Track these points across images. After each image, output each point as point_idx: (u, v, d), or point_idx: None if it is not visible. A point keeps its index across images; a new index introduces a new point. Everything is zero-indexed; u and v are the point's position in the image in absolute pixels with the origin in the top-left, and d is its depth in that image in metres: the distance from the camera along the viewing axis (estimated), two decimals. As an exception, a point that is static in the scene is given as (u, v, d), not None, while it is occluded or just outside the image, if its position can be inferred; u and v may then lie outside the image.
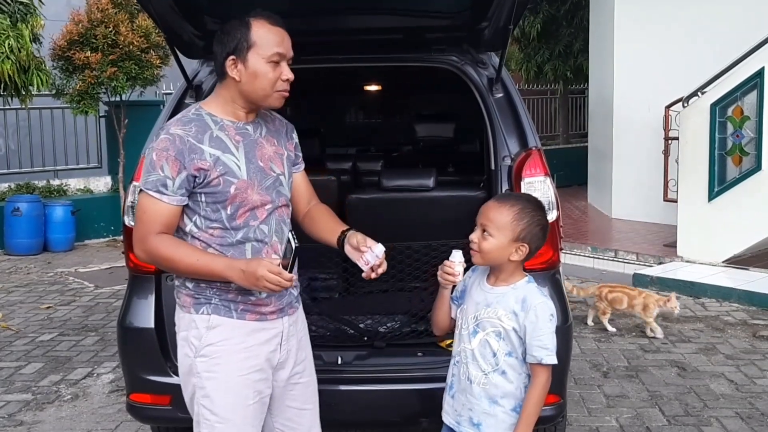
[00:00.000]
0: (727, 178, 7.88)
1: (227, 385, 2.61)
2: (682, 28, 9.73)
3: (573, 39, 14.71)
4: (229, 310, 2.62)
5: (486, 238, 2.67)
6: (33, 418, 4.71)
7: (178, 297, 2.70)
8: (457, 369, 2.78)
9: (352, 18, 3.75)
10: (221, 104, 2.66)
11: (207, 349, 2.60)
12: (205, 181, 2.54)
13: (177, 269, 2.60)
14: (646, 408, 4.73)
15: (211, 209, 2.58)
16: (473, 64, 3.88)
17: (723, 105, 7.83)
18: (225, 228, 2.60)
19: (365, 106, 7.92)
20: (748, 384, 5.08)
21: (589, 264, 8.72)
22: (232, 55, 2.58)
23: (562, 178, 12.57)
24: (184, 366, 2.67)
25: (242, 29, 2.57)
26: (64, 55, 9.63)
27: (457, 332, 2.80)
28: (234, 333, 2.62)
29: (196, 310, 2.63)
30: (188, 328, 2.64)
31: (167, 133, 2.55)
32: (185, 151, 2.52)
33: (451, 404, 2.79)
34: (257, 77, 2.59)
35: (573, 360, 4.40)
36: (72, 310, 7.14)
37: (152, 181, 2.52)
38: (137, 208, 2.62)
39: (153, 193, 2.53)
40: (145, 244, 2.57)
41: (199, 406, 2.63)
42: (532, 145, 3.63)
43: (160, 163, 2.51)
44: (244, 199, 2.60)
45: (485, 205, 2.76)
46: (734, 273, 7.64)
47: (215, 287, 2.61)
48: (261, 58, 2.57)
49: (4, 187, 10.67)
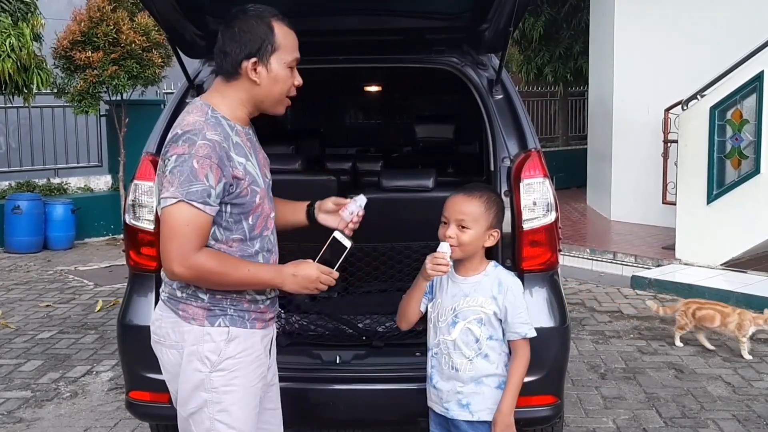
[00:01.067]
0: (726, 181, 7.89)
1: (243, 397, 2.55)
2: (682, 32, 9.75)
3: (573, 41, 14.72)
4: (243, 320, 2.54)
5: (465, 232, 2.82)
6: (32, 416, 4.73)
7: (182, 309, 2.52)
8: (436, 360, 2.93)
9: (352, 19, 3.76)
10: (230, 106, 2.52)
11: (227, 362, 2.50)
12: (237, 190, 2.43)
13: (226, 283, 2.47)
14: (643, 410, 4.74)
15: (233, 220, 2.48)
16: (473, 65, 3.89)
17: (722, 108, 7.85)
18: (244, 239, 2.52)
19: (365, 107, 7.94)
20: (745, 386, 5.10)
21: (587, 266, 8.73)
22: (254, 57, 2.46)
23: (562, 180, 12.57)
24: (192, 381, 2.51)
25: (265, 30, 2.47)
26: (66, 54, 9.65)
27: (431, 325, 2.95)
28: (248, 343, 2.56)
29: (211, 323, 2.50)
30: (200, 342, 2.49)
31: (205, 138, 2.36)
32: (224, 159, 2.38)
33: (436, 393, 2.94)
34: (277, 82, 2.51)
35: (570, 361, 4.41)
36: (71, 308, 7.16)
37: (197, 191, 2.33)
38: (173, 220, 2.35)
39: (199, 204, 2.33)
40: (189, 260, 2.36)
41: (212, 422, 2.51)
42: (532, 146, 3.65)
43: (204, 172, 2.33)
44: (263, 208, 2.55)
45: (452, 200, 2.88)
46: (732, 276, 7.65)
47: (231, 298, 2.51)
48: (283, 62, 2.51)
49: (5, 185, 10.69)
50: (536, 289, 3.52)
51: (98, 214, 10.91)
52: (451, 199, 2.88)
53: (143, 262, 3.47)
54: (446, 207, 2.86)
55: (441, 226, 2.86)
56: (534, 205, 3.49)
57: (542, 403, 3.42)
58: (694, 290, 7.31)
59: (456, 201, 2.86)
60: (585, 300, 7.34)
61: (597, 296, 7.51)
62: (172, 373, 2.61)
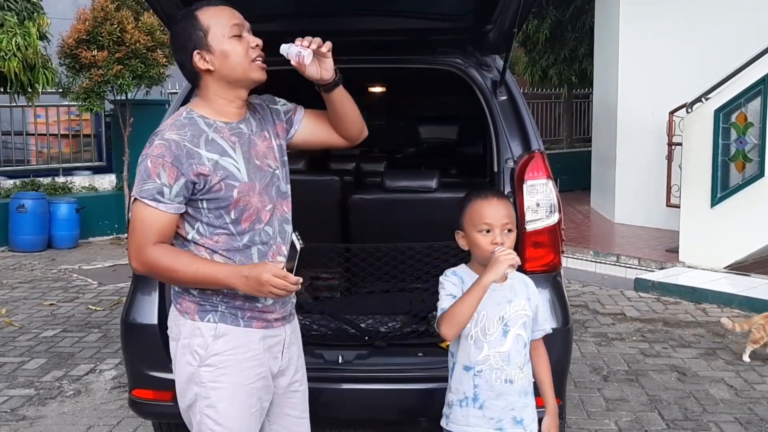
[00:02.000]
0: (730, 184, 7.88)
1: (233, 394, 2.54)
2: (687, 34, 9.74)
3: (578, 44, 14.71)
4: (236, 318, 2.54)
5: (509, 236, 2.72)
6: (35, 413, 4.74)
7: (179, 302, 2.59)
8: (482, 378, 2.72)
9: (356, 19, 3.77)
10: (208, 104, 2.56)
11: (213, 358, 2.52)
12: (206, 187, 2.45)
13: (177, 280, 2.51)
14: (646, 412, 4.74)
15: (214, 215, 2.50)
16: (477, 66, 3.89)
17: (727, 111, 7.84)
18: (230, 234, 2.52)
19: (369, 108, 7.91)
20: (747, 389, 5.10)
21: (591, 268, 8.72)
22: (194, 51, 2.50)
23: (566, 183, 12.56)
24: (185, 374, 2.57)
25: (191, 23, 2.51)
26: (71, 53, 9.68)
27: (469, 342, 2.72)
28: (241, 342, 2.54)
29: (201, 318, 2.53)
30: (191, 336, 2.54)
31: (162, 138, 2.45)
32: (182, 157, 2.42)
33: (484, 415, 2.72)
34: (228, 56, 2.51)
35: (573, 363, 4.42)
36: (75, 307, 7.17)
37: (148, 189, 2.41)
38: (132, 218, 2.47)
39: (149, 201, 2.41)
40: (142, 256, 2.45)
41: (202, 416, 2.55)
42: (535, 148, 3.65)
43: (156, 171, 2.40)
44: (248, 202, 2.52)
45: (490, 205, 2.74)
46: (736, 279, 7.64)
47: (222, 294, 2.52)
48: (222, 36, 2.50)
49: (10, 184, 10.72)
50: (539, 290, 3.49)
51: (102, 213, 10.94)
52: (489, 204, 2.73)
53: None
54: (485, 214, 2.70)
55: (482, 234, 2.69)
56: (537, 206, 3.50)
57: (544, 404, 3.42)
58: (697, 293, 7.30)
59: (497, 206, 2.73)
60: (588, 302, 7.33)
61: (600, 298, 7.51)
62: (174, 365, 2.65)
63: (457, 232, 2.80)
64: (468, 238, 2.75)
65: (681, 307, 7.11)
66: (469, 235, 2.73)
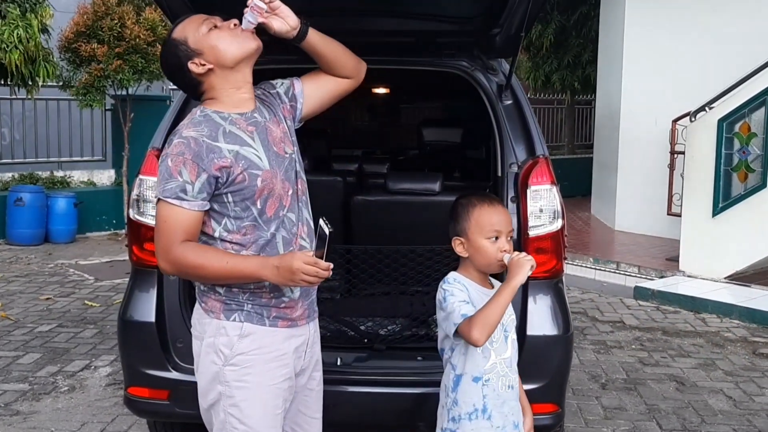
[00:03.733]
0: (732, 194, 7.86)
1: (258, 395, 2.54)
2: (692, 43, 9.73)
3: (582, 50, 14.70)
4: (261, 317, 2.54)
5: (511, 242, 2.71)
6: (29, 409, 4.71)
7: (204, 301, 2.59)
8: (488, 388, 2.69)
9: (363, 20, 3.74)
10: (219, 100, 2.58)
11: (238, 358, 2.52)
12: (229, 179, 2.45)
13: (206, 277, 2.50)
14: (644, 421, 4.71)
15: (241, 207, 2.49)
16: (483, 70, 3.87)
17: (730, 121, 7.82)
18: (257, 225, 2.52)
19: (373, 109, 7.92)
20: (746, 401, 5.07)
21: (590, 275, 8.71)
22: (189, 62, 2.53)
23: (567, 189, 12.44)
24: (209, 373, 2.56)
25: (170, 46, 2.57)
26: (71, 46, 9.65)
27: (480, 352, 2.68)
28: (266, 342, 2.54)
29: (227, 317, 2.53)
30: (216, 335, 2.54)
31: (180, 137, 2.45)
32: (202, 153, 2.42)
33: (490, 425, 2.70)
34: (216, 46, 2.53)
35: (572, 371, 4.38)
36: (71, 302, 7.14)
37: (170, 188, 2.41)
38: (156, 218, 2.48)
39: (173, 200, 2.41)
40: (169, 255, 2.44)
41: (226, 415, 2.54)
42: (540, 153, 3.62)
43: (177, 169, 2.40)
44: (271, 189, 2.52)
45: (498, 212, 2.73)
46: (736, 289, 7.62)
47: (248, 292, 2.53)
48: (200, 35, 2.53)
49: (8, 176, 10.69)
50: (540, 296, 3.50)
51: (100, 208, 10.91)
52: (497, 211, 2.72)
53: (146, 257, 3.44)
54: (495, 221, 2.69)
55: (490, 242, 2.67)
56: (540, 212, 3.47)
57: (543, 411, 3.39)
58: (697, 303, 7.28)
59: (504, 213, 2.74)
60: (587, 309, 7.31)
61: (599, 306, 7.48)
62: (197, 364, 2.64)
63: (456, 238, 2.73)
64: (472, 244, 2.70)
65: (680, 317, 7.09)
66: (475, 242, 2.69)
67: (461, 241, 2.72)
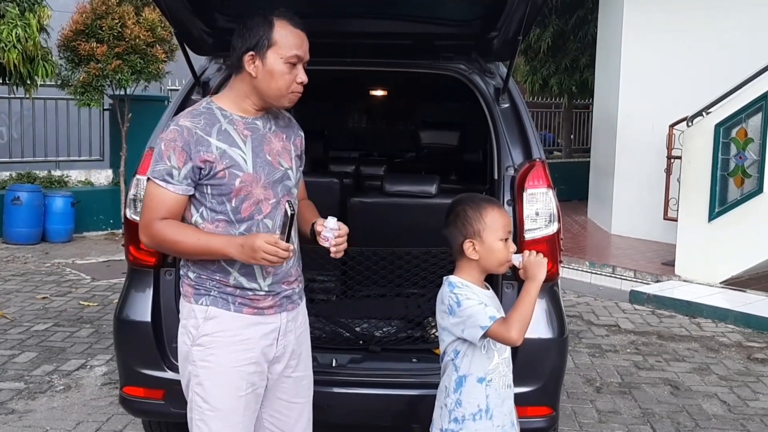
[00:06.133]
0: (728, 199, 7.88)
1: (219, 375, 2.68)
2: (690, 48, 9.76)
3: (580, 53, 14.72)
4: (226, 302, 2.68)
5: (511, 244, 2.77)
6: (24, 407, 4.71)
7: (182, 286, 2.78)
8: (491, 388, 2.73)
9: (361, 22, 3.75)
10: (233, 98, 2.71)
11: (203, 338, 2.67)
12: (210, 173, 2.60)
13: (181, 251, 2.70)
14: (638, 425, 4.72)
15: (217, 201, 2.64)
16: (481, 73, 3.88)
17: (727, 126, 7.84)
18: (230, 221, 2.65)
19: (371, 111, 7.93)
20: (740, 405, 5.08)
21: (586, 279, 8.72)
22: (251, 51, 2.61)
23: (563, 193, 12.49)
24: (182, 353, 2.75)
25: (264, 26, 2.61)
26: (69, 45, 9.65)
27: (481, 352, 2.71)
28: (229, 325, 2.68)
29: (196, 301, 2.70)
30: (188, 317, 2.72)
31: (176, 124, 2.62)
32: (192, 143, 2.58)
33: (492, 424, 2.73)
34: (273, 76, 2.62)
35: (566, 374, 4.39)
36: (68, 302, 7.14)
37: (159, 170, 2.60)
38: (144, 195, 2.70)
39: (159, 181, 2.60)
40: (150, 229, 2.65)
41: (192, 393, 2.71)
42: (536, 156, 3.63)
43: (167, 153, 2.59)
44: (249, 192, 2.64)
45: (503, 214, 2.77)
46: (731, 294, 7.64)
47: (215, 280, 2.68)
48: (280, 57, 2.61)
49: (5, 175, 10.69)
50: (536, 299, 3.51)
51: (98, 208, 10.91)
52: (502, 213, 2.76)
53: (142, 257, 3.45)
54: (505, 223, 2.74)
55: (503, 243, 2.71)
56: (536, 215, 3.48)
57: (538, 414, 3.41)
58: (692, 307, 7.29)
59: (505, 213, 2.79)
60: (583, 313, 7.32)
61: (595, 309, 7.50)
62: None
63: (469, 240, 2.71)
64: (486, 246, 2.71)
65: (676, 321, 7.11)
66: (489, 244, 2.71)
67: (473, 243, 2.72)
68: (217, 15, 3.58)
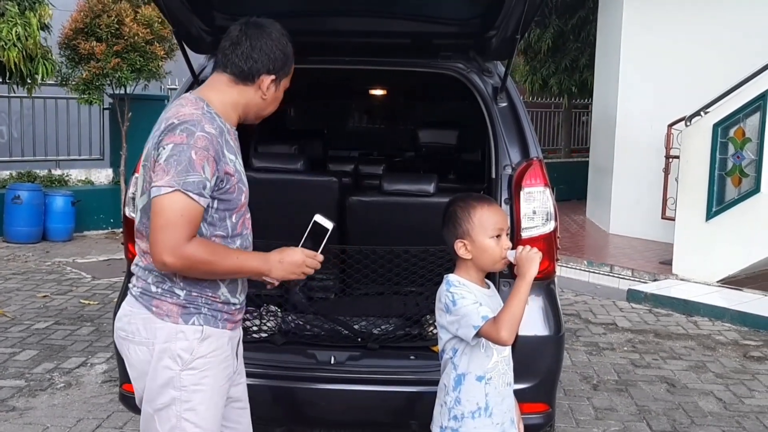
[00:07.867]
0: (726, 198, 7.91)
1: (212, 396, 2.54)
2: (688, 48, 9.78)
3: (579, 54, 14.74)
4: (216, 320, 2.53)
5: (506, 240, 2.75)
6: (25, 405, 4.73)
7: (157, 306, 2.48)
8: (490, 386, 2.72)
9: (360, 21, 3.78)
10: (224, 107, 2.53)
11: (198, 361, 2.48)
12: (225, 186, 2.44)
13: (212, 272, 2.45)
14: (634, 422, 4.75)
15: (219, 216, 2.47)
16: (479, 72, 3.90)
17: (725, 126, 7.87)
18: (226, 236, 2.51)
19: (369, 110, 7.95)
20: (736, 403, 5.11)
21: (584, 278, 8.74)
22: (273, 75, 2.55)
23: (562, 192, 12.57)
24: (161, 378, 2.47)
25: (290, 54, 2.60)
26: (70, 44, 9.67)
27: (483, 351, 2.70)
28: (219, 343, 2.54)
29: (186, 321, 2.47)
30: (172, 340, 2.46)
31: (203, 131, 2.36)
32: (220, 153, 2.39)
33: (491, 422, 2.72)
34: (275, 101, 2.64)
35: (563, 372, 4.43)
36: (68, 300, 7.16)
37: (193, 182, 2.31)
38: (168, 210, 2.32)
39: (194, 195, 2.32)
40: (181, 250, 2.33)
41: (179, 420, 2.48)
42: (534, 155, 3.66)
43: (201, 163, 2.32)
44: (245, 206, 2.57)
45: (498, 210, 2.77)
46: (728, 293, 7.66)
47: (206, 296, 2.50)
48: (283, 87, 2.63)
49: (6, 174, 10.70)
50: (532, 297, 3.50)
51: (98, 207, 10.93)
52: (496, 210, 2.75)
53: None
54: (497, 220, 2.71)
55: (494, 240, 2.69)
56: (534, 213, 3.51)
57: (534, 410, 3.43)
58: (689, 306, 7.32)
59: (501, 211, 2.81)
60: (580, 311, 7.35)
61: (592, 308, 7.52)
62: (139, 371, 2.55)
63: (459, 240, 2.71)
64: (476, 245, 2.69)
65: (672, 320, 7.14)
66: (480, 243, 2.69)
67: (464, 243, 2.71)
68: (215, 13, 3.61)
